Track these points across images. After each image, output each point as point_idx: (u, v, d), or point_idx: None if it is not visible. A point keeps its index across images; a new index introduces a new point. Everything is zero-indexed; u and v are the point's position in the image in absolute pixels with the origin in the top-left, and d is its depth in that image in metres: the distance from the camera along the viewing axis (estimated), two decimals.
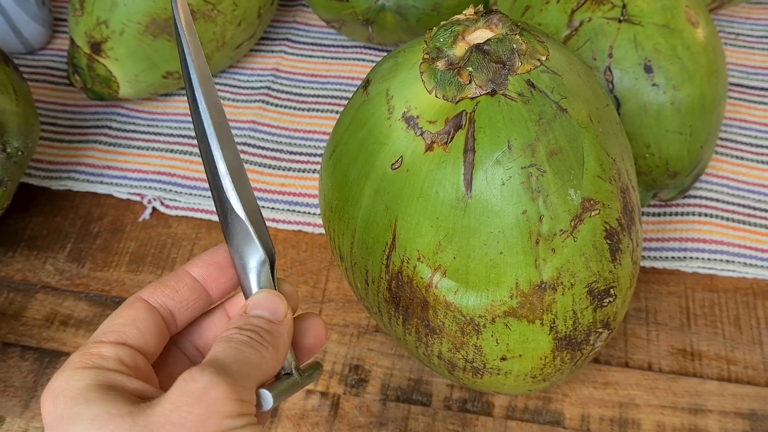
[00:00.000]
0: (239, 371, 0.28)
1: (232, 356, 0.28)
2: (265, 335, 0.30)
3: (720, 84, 0.49)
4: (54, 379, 0.28)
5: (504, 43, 0.36)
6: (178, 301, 0.32)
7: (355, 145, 0.39)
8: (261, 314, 0.31)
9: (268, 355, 0.29)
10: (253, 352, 0.29)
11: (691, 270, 0.53)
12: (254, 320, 0.30)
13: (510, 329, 0.37)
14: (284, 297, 0.32)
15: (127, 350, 0.29)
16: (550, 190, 0.35)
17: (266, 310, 0.31)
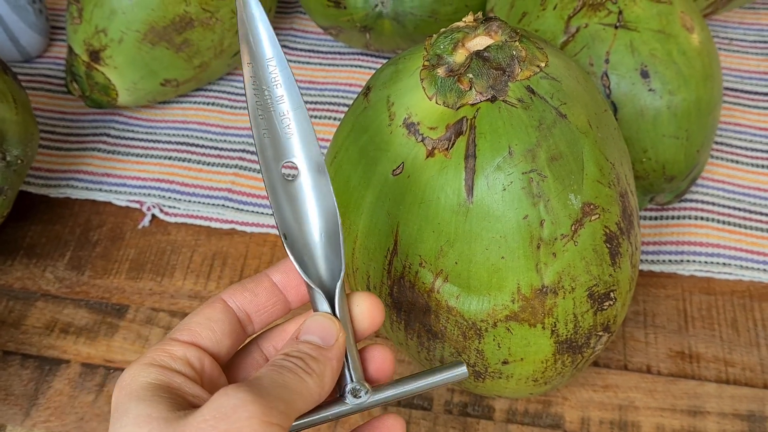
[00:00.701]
0: (276, 394, 0.28)
1: (271, 379, 0.28)
2: (310, 362, 0.30)
3: (715, 88, 0.50)
4: (125, 371, 0.29)
5: (504, 50, 0.36)
6: (256, 305, 0.32)
7: (356, 152, 0.39)
8: (310, 339, 0.30)
9: (312, 383, 0.29)
10: (294, 378, 0.29)
11: (688, 273, 0.53)
12: (302, 346, 0.30)
13: (512, 333, 0.37)
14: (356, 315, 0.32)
15: (197, 351, 0.30)
16: (550, 194, 0.35)
17: (316, 335, 0.31)
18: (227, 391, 0.27)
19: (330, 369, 0.30)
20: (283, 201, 0.32)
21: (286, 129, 0.33)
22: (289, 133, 0.33)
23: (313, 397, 0.29)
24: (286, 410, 0.28)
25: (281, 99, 0.33)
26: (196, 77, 0.62)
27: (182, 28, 0.58)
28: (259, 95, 0.33)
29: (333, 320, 0.31)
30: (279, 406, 0.27)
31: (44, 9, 0.66)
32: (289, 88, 0.33)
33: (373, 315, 0.32)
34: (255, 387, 0.27)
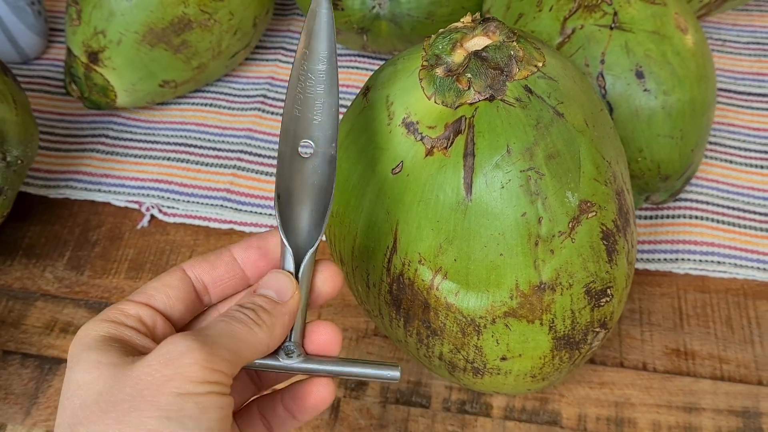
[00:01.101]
0: (222, 343, 0.29)
1: (219, 329, 0.30)
2: (261, 314, 0.31)
3: (709, 89, 0.51)
4: (81, 327, 0.31)
5: (502, 50, 0.36)
6: (213, 276, 0.34)
7: (356, 151, 0.40)
8: (266, 293, 0.32)
9: (261, 334, 0.31)
10: (243, 329, 0.30)
11: (683, 271, 0.54)
12: (257, 299, 0.32)
13: (510, 329, 0.38)
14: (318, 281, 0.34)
15: (150, 311, 0.32)
16: (548, 192, 0.36)
17: (272, 289, 0.32)
18: (174, 339, 0.28)
19: (281, 323, 0.32)
20: (288, 169, 0.35)
21: (316, 115, 0.36)
22: (318, 120, 0.36)
23: (261, 347, 0.31)
24: (231, 358, 0.29)
25: (321, 91, 0.36)
26: (195, 78, 0.62)
27: (181, 30, 0.58)
28: (303, 80, 0.36)
29: (290, 277, 0.33)
30: (223, 354, 0.28)
31: (43, 11, 0.67)
32: (330, 85, 0.36)
33: (334, 281, 0.35)
34: (201, 335, 0.29)
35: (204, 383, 0.28)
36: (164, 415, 0.27)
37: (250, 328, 0.30)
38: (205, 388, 0.28)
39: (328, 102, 0.36)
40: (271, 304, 0.32)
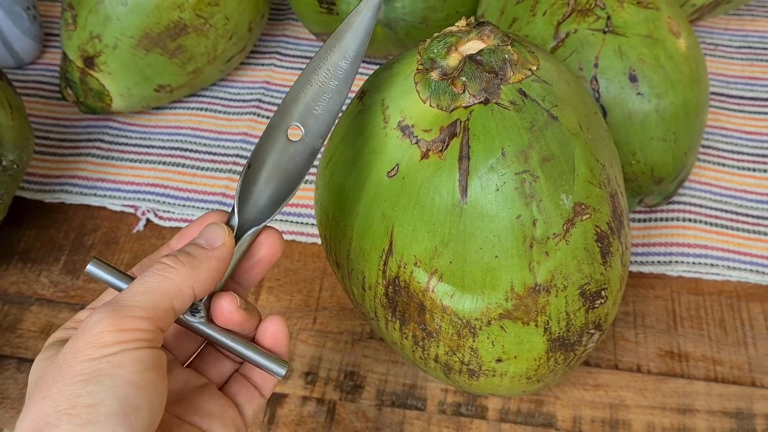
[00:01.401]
0: (133, 303, 0.30)
1: (130, 291, 0.30)
2: (180, 256, 0.32)
3: (702, 92, 0.51)
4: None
5: (496, 54, 0.37)
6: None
7: (351, 154, 0.40)
8: (196, 242, 0.33)
9: (178, 278, 0.31)
10: (156, 279, 0.31)
11: (676, 274, 0.54)
12: (185, 246, 0.33)
13: (505, 331, 0.38)
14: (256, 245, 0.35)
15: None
16: (543, 195, 0.36)
17: (202, 238, 0.33)
18: (88, 314, 0.30)
19: (207, 266, 0.32)
20: (271, 144, 0.36)
21: (319, 106, 0.36)
22: (318, 111, 0.36)
23: (183, 292, 0.31)
24: (146, 314, 0.29)
25: (333, 86, 0.36)
26: (190, 83, 0.62)
27: (176, 35, 0.58)
28: (321, 69, 0.36)
29: (222, 227, 0.33)
30: (135, 312, 0.29)
31: (38, 16, 0.67)
32: (344, 85, 0.36)
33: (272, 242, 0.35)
34: (111, 303, 0.30)
35: (115, 344, 0.29)
36: (80, 379, 0.28)
37: (166, 276, 0.31)
38: (116, 348, 0.29)
39: (335, 99, 0.36)
40: (197, 249, 0.32)
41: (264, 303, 0.54)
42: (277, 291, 0.54)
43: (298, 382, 0.50)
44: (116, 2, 0.57)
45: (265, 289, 0.54)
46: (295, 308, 0.53)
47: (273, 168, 0.36)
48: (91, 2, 0.57)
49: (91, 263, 0.34)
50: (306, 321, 0.53)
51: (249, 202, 0.35)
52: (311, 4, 0.61)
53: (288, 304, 0.54)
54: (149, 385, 0.29)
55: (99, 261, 0.34)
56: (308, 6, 0.61)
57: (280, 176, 0.36)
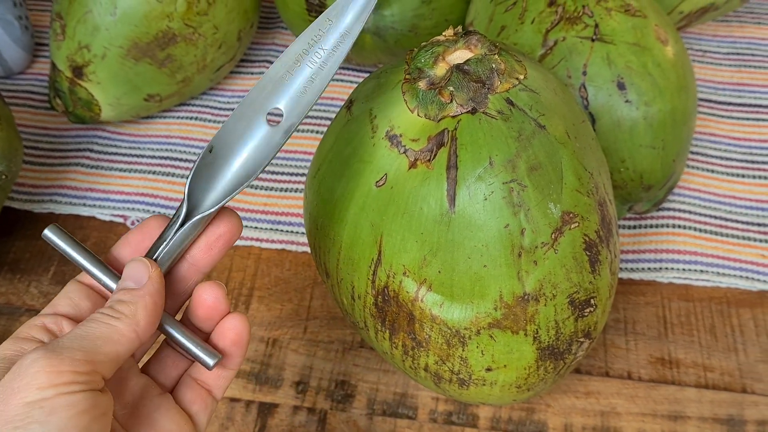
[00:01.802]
0: (73, 346, 0.30)
1: (73, 334, 0.31)
2: (118, 306, 0.32)
3: (690, 99, 0.51)
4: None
5: (483, 63, 0.37)
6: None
7: (340, 164, 0.40)
8: (125, 286, 0.33)
9: (121, 324, 0.31)
10: (98, 326, 0.31)
11: (666, 280, 0.54)
12: (116, 295, 0.33)
13: (495, 340, 0.38)
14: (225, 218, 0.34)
15: (53, 318, 0.33)
16: (531, 204, 0.36)
17: (129, 279, 0.33)
18: (27, 354, 0.29)
19: (143, 306, 0.32)
20: (240, 127, 0.35)
21: (301, 87, 0.35)
22: (300, 92, 0.35)
23: (125, 336, 0.31)
24: (85, 357, 0.29)
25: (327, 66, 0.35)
26: (179, 92, 0.62)
27: (165, 44, 0.58)
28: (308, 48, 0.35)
29: (143, 262, 0.33)
30: (73, 355, 0.29)
31: (30, 26, 0.67)
32: (337, 63, 0.35)
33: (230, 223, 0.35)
34: (51, 345, 0.30)
35: (51, 387, 0.28)
36: (11, 426, 0.28)
37: (107, 323, 0.31)
38: (52, 392, 0.28)
39: (323, 79, 0.35)
40: (129, 294, 0.32)
41: (255, 312, 0.54)
42: (268, 300, 0.54)
43: (288, 391, 0.50)
44: (105, 12, 0.56)
45: (256, 298, 0.54)
46: (285, 317, 0.53)
47: (241, 150, 0.35)
48: (79, 12, 0.57)
49: (49, 228, 0.34)
50: (297, 330, 0.53)
51: (206, 185, 0.34)
52: (300, 12, 0.61)
53: (279, 313, 0.54)
54: (83, 429, 0.29)
55: (58, 228, 0.34)
56: (297, 15, 0.61)
57: (246, 160, 0.34)
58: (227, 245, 0.35)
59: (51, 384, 0.28)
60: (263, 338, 0.52)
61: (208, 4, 0.58)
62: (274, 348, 0.52)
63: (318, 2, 0.59)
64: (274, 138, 0.35)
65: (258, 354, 0.52)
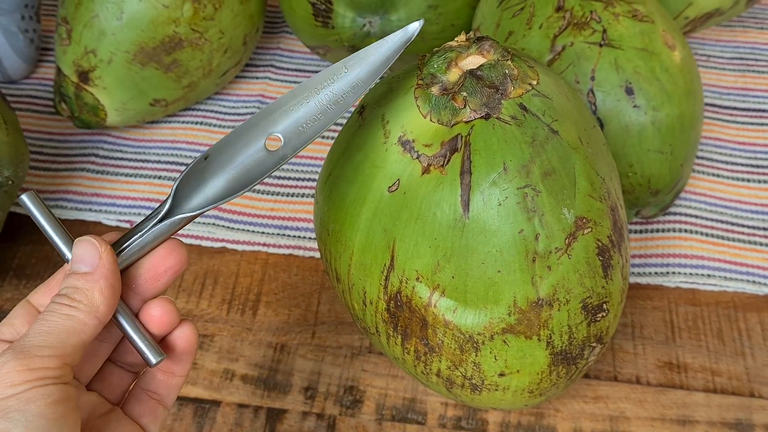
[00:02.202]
0: (38, 343, 0.30)
1: (34, 331, 0.30)
2: (74, 294, 0.32)
3: (697, 104, 0.51)
4: None
5: (497, 69, 0.37)
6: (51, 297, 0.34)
7: (352, 169, 0.40)
8: (77, 269, 0.32)
9: (80, 314, 0.31)
10: (59, 319, 0.31)
11: (673, 285, 0.54)
12: (69, 280, 0.32)
13: (508, 346, 0.38)
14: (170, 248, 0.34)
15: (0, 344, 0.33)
16: (545, 209, 0.36)
17: (80, 261, 0.32)
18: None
19: (99, 291, 0.32)
20: (240, 144, 0.35)
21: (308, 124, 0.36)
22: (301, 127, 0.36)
23: (87, 325, 0.31)
24: (54, 353, 0.30)
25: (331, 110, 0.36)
26: (185, 97, 0.62)
27: (172, 49, 0.58)
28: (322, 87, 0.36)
29: (91, 241, 0.33)
30: (42, 353, 0.29)
31: (36, 39, 0.66)
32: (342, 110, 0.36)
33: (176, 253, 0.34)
34: (17, 344, 0.30)
35: (24, 384, 0.29)
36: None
37: (66, 314, 0.31)
38: (27, 386, 0.29)
39: (326, 121, 0.36)
40: (83, 278, 0.32)
41: (262, 318, 0.53)
42: (275, 305, 0.54)
43: (297, 397, 0.50)
44: (111, 17, 0.56)
45: (263, 303, 0.54)
46: (293, 323, 0.53)
47: (234, 165, 0.35)
48: (86, 17, 0.57)
49: (26, 195, 0.33)
50: (304, 336, 0.53)
51: (193, 190, 0.34)
52: (306, 17, 0.61)
53: (286, 318, 0.53)
54: (60, 417, 0.29)
55: (35, 196, 0.33)
56: (303, 19, 0.61)
57: (236, 176, 0.35)
58: (174, 277, 0.35)
59: (24, 381, 0.29)
60: (271, 344, 0.52)
61: (214, 9, 0.58)
62: (282, 353, 0.52)
63: (325, 8, 0.59)
64: (267, 162, 0.35)
65: (266, 360, 0.51)
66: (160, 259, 0.34)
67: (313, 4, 0.59)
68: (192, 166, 0.34)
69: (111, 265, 0.33)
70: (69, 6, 0.58)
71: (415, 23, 0.36)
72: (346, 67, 0.36)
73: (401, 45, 0.36)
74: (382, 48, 0.36)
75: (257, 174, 0.35)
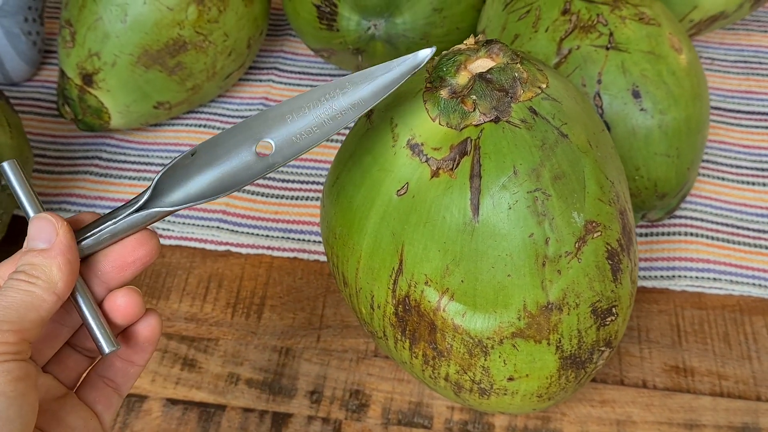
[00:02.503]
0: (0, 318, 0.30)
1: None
2: (32, 270, 0.31)
3: (703, 107, 0.51)
4: None
5: (506, 72, 0.37)
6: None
7: (359, 173, 0.40)
8: (33, 246, 0.32)
9: (38, 290, 0.31)
10: (17, 294, 0.31)
11: (679, 288, 0.54)
12: (26, 257, 0.32)
13: (517, 350, 0.38)
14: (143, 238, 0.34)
15: None
16: (555, 213, 0.36)
17: (38, 239, 0.32)
18: None
19: (56, 267, 0.31)
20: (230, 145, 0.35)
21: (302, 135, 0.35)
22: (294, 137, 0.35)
23: (46, 301, 0.31)
24: (13, 327, 0.29)
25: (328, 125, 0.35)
26: (189, 99, 0.62)
27: (176, 51, 0.58)
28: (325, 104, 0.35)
29: (47, 217, 0.32)
30: (1, 327, 0.29)
31: (39, 42, 0.66)
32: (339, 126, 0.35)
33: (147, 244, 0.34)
34: None
35: None
36: None
37: (25, 290, 0.31)
38: None
39: (321, 135, 0.35)
40: (40, 255, 0.32)
41: (267, 322, 0.53)
42: (280, 309, 0.54)
43: (303, 401, 0.49)
44: (115, 19, 0.56)
45: (268, 307, 0.54)
46: (298, 326, 0.53)
47: (221, 165, 0.34)
48: (89, 20, 0.57)
49: (7, 163, 0.33)
50: (310, 339, 0.52)
51: (175, 184, 0.34)
52: (311, 20, 0.61)
53: (291, 322, 0.53)
54: (20, 395, 0.29)
55: (15, 166, 0.33)
56: (308, 22, 0.61)
57: (222, 176, 0.34)
58: (142, 268, 0.34)
59: None
60: (276, 347, 0.52)
61: (218, 11, 0.58)
62: (287, 357, 0.52)
63: (329, 11, 0.59)
64: (255, 167, 0.35)
65: (271, 363, 0.51)
66: (129, 248, 0.34)
67: (318, 7, 0.59)
68: (178, 161, 0.34)
69: (68, 242, 0.32)
70: (72, 8, 0.58)
71: (427, 50, 0.35)
72: (350, 84, 0.35)
73: (409, 70, 0.35)
74: (390, 71, 0.35)
75: (243, 178, 0.34)
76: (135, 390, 0.50)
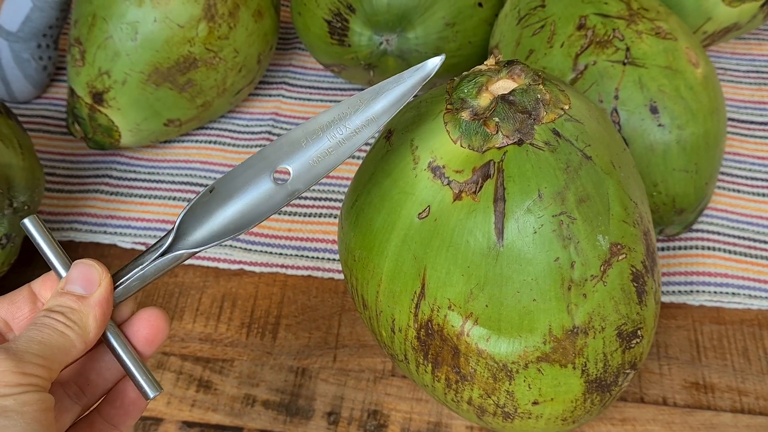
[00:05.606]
0: (33, 350, 0.30)
1: (28, 337, 0.30)
2: (70, 315, 0.32)
3: (721, 121, 0.51)
4: None
5: (529, 93, 0.36)
6: (13, 312, 0.33)
7: (379, 195, 0.39)
8: (72, 290, 0.32)
9: (72, 335, 0.31)
10: (54, 334, 0.31)
11: (698, 303, 0.54)
12: (64, 299, 0.32)
13: (542, 374, 0.37)
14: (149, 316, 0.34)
15: None
16: (580, 236, 0.35)
17: (78, 284, 0.32)
18: None
19: (93, 317, 0.32)
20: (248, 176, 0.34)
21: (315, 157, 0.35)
22: (312, 161, 0.35)
23: (76, 347, 0.31)
24: (44, 363, 0.30)
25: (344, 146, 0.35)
26: (199, 116, 0.62)
27: (186, 69, 0.57)
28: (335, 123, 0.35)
29: (94, 265, 0.33)
30: (34, 360, 0.30)
31: (50, 66, 0.66)
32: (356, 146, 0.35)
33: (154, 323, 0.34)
34: (11, 347, 0.30)
35: (18, 386, 0.29)
36: None
37: (61, 332, 0.31)
38: (19, 389, 0.29)
39: (338, 157, 0.35)
40: (79, 301, 0.32)
41: (282, 341, 0.53)
42: (296, 328, 0.53)
43: (320, 422, 0.49)
44: (126, 38, 0.56)
45: (283, 326, 0.54)
46: (314, 346, 0.53)
47: (241, 199, 0.34)
48: (99, 38, 0.56)
49: (29, 219, 0.33)
50: (326, 359, 0.52)
51: (198, 223, 0.34)
52: (322, 35, 0.60)
53: (307, 342, 0.53)
54: (51, 425, 0.29)
55: (38, 220, 0.33)
56: (319, 38, 0.61)
57: (243, 209, 0.34)
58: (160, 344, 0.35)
59: (18, 383, 0.29)
60: (292, 368, 0.52)
61: (229, 28, 0.58)
62: (304, 378, 0.51)
63: (340, 26, 0.58)
64: (276, 197, 0.34)
65: (287, 384, 0.51)
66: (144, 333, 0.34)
67: (329, 22, 0.59)
68: (197, 199, 0.34)
69: (108, 295, 0.33)
70: (82, 27, 0.57)
71: (436, 59, 0.35)
72: (362, 102, 0.35)
73: (419, 81, 0.35)
74: (400, 84, 0.35)
75: (265, 209, 0.34)
76: (150, 413, 0.50)
